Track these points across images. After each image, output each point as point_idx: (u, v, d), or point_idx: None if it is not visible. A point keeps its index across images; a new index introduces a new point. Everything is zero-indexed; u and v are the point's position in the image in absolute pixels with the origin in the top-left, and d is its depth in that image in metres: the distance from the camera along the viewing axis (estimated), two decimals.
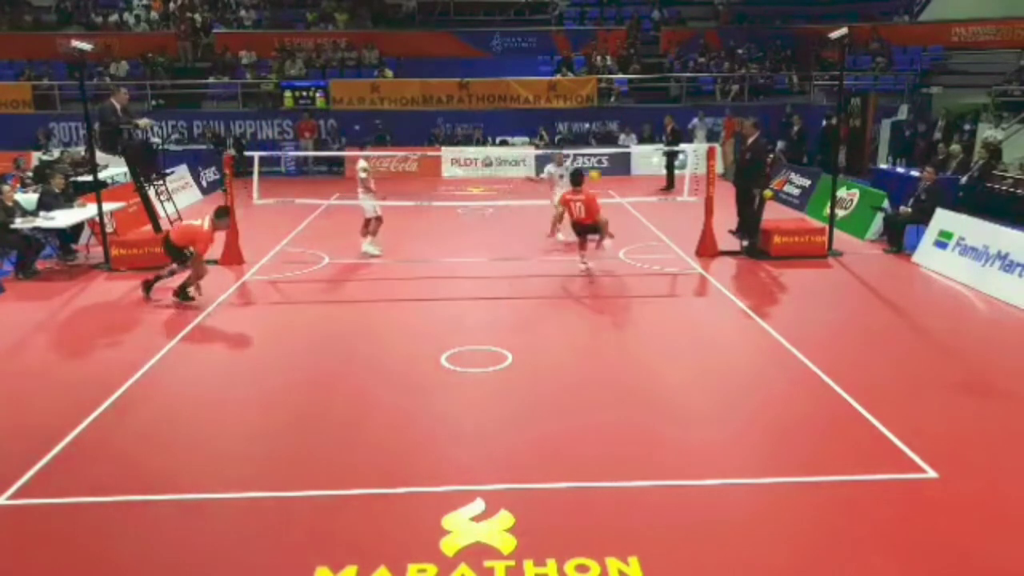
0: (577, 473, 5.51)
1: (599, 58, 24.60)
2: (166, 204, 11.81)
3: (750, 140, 12.14)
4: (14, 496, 5.31)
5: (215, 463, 5.82)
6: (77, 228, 12.03)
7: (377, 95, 23.07)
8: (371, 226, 11.99)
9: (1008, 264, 9.74)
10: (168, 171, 13.78)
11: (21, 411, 6.72)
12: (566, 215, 11.01)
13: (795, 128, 20.05)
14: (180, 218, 11.92)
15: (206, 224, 9.60)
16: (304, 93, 23.00)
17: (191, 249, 9.52)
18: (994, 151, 14.03)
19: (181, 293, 9.60)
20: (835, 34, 11.79)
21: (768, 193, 11.77)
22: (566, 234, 12.12)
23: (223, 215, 9.87)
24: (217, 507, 5.18)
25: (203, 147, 21.40)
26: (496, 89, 23.25)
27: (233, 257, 11.64)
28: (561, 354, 8.02)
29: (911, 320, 9.20)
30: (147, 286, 9.84)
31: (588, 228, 10.85)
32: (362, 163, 12.06)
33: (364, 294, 10.30)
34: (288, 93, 23.01)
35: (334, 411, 6.69)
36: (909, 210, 12.03)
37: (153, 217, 11.89)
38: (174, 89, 23.50)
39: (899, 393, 6.91)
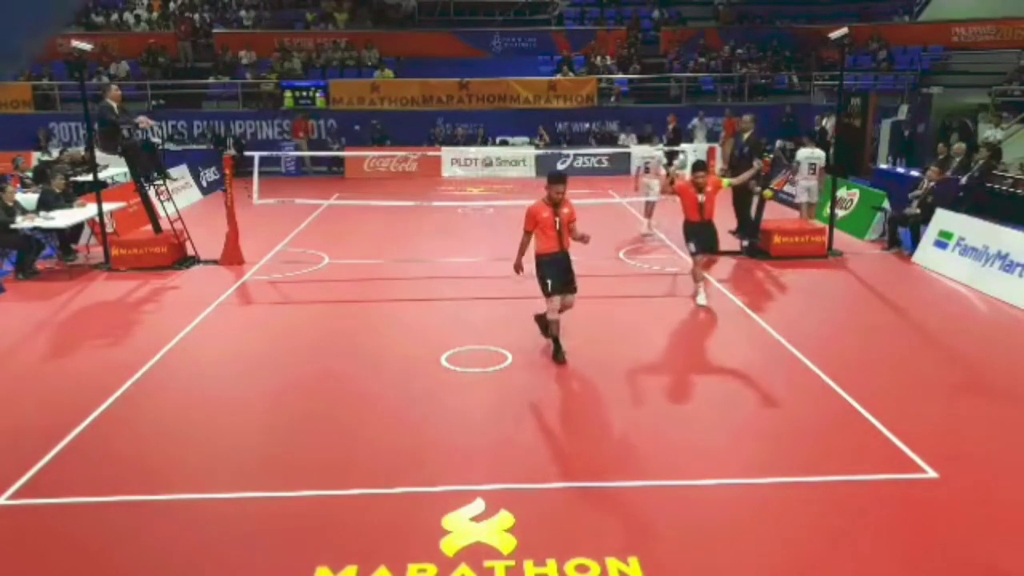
0: (577, 473, 5.52)
1: (599, 58, 24.58)
2: (166, 204, 11.80)
3: (746, 135, 12.20)
4: (14, 496, 5.30)
5: (215, 463, 5.83)
6: (77, 228, 12.02)
7: (377, 95, 23.05)
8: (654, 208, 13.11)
9: (1008, 264, 9.74)
10: (174, 178, 13.77)
11: (21, 411, 6.72)
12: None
13: (817, 128, 18.20)
14: (180, 218, 11.91)
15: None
16: (304, 93, 22.98)
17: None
18: (994, 151, 14.00)
19: None
20: (835, 34, 11.78)
21: (768, 193, 11.78)
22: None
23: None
24: (217, 507, 5.18)
25: (203, 147, 21.39)
26: (496, 89, 23.22)
27: (233, 257, 11.64)
28: None
29: (911, 320, 9.19)
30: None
31: (707, 230, 8.92)
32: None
33: (364, 294, 10.29)
34: (288, 93, 22.99)
35: (334, 411, 6.69)
36: (917, 211, 11.97)
37: (153, 217, 11.86)
38: (174, 89, 23.47)
39: (899, 393, 6.91)
